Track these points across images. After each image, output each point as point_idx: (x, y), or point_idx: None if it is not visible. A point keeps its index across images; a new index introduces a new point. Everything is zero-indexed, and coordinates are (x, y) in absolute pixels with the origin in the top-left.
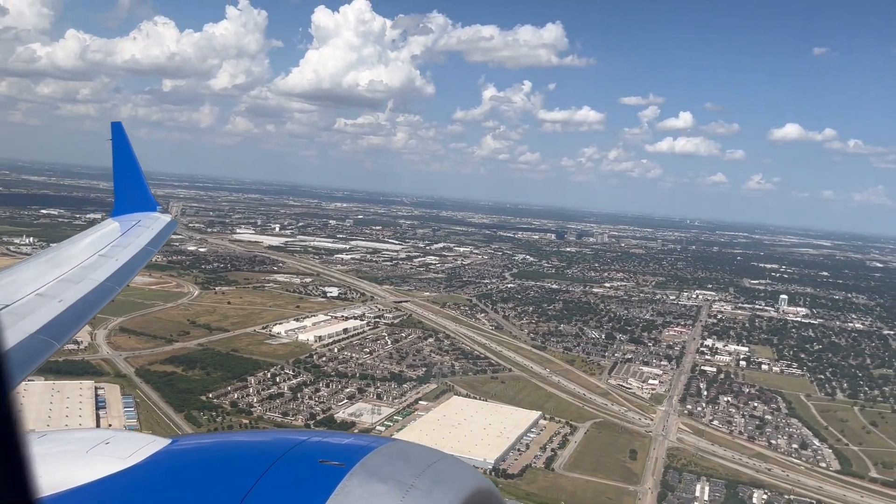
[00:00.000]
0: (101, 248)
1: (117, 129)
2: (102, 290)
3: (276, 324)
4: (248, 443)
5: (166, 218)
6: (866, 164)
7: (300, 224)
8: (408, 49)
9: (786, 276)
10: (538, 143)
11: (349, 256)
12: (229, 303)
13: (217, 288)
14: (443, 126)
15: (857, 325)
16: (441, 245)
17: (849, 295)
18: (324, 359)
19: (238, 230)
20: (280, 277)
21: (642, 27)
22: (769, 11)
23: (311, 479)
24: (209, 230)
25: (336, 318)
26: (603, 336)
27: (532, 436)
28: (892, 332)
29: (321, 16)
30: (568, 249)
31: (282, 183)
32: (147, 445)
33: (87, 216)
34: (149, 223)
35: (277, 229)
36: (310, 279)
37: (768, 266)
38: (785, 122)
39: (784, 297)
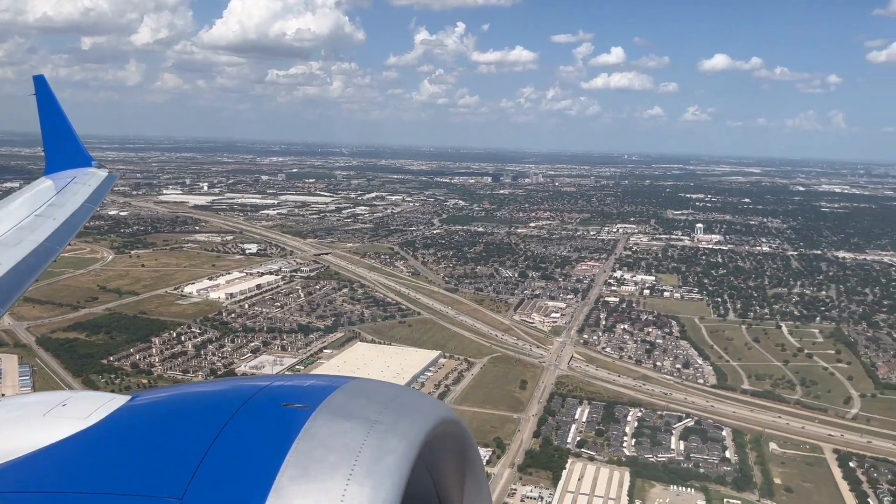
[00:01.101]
0: (36, 209)
1: (40, 84)
2: (42, 252)
3: (188, 284)
4: (210, 393)
5: (103, 173)
6: (793, 91)
7: (230, 181)
8: None
9: (709, 205)
10: (476, 86)
11: (275, 212)
12: (143, 266)
13: (133, 251)
14: (377, 73)
15: (764, 249)
16: (373, 195)
17: (765, 220)
18: (233, 315)
19: (165, 191)
20: (200, 237)
21: None
22: None
23: (276, 423)
24: (135, 193)
25: (251, 274)
26: (516, 275)
27: (429, 374)
28: (794, 253)
29: None
30: (502, 192)
31: (217, 140)
32: (106, 404)
33: (5, 185)
34: (85, 179)
35: (206, 188)
36: (231, 237)
37: (694, 196)
38: (713, 52)
39: (700, 226)
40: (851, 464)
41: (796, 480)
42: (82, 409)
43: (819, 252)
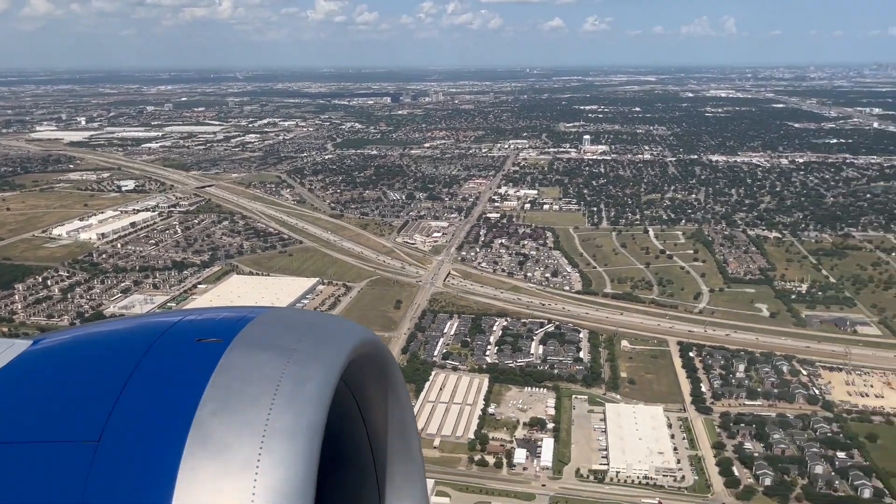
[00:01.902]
0: None
1: None
2: None
3: (57, 226)
4: (118, 331)
5: None
6: None
7: (112, 115)
8: None
9: (601, 115)
10: (373, 2)
11: (159, 145)
12: (9, 209)
13: None
14: None
15: (646, 157)
16: (265, 121)
17: (651, 128)
18: (104, 256)
19: (38, 128)
20: (74, 176)
21: None
22: None
23: (190, 358)
24: (4, 131)
25: (126, 212)
26: (403, 197)
27: (306, 301)
28: (673, 159)
29: None
30: (400, 113)
31: (99, 69)
32: (6, 350)
33: None
34: None
35: (84, 122)
36: (108, 174)
37: (587, 108)
38: None
39: (587, 137)
40: (691, 353)
41: (640, 372)
42: None
43: (696, 157)
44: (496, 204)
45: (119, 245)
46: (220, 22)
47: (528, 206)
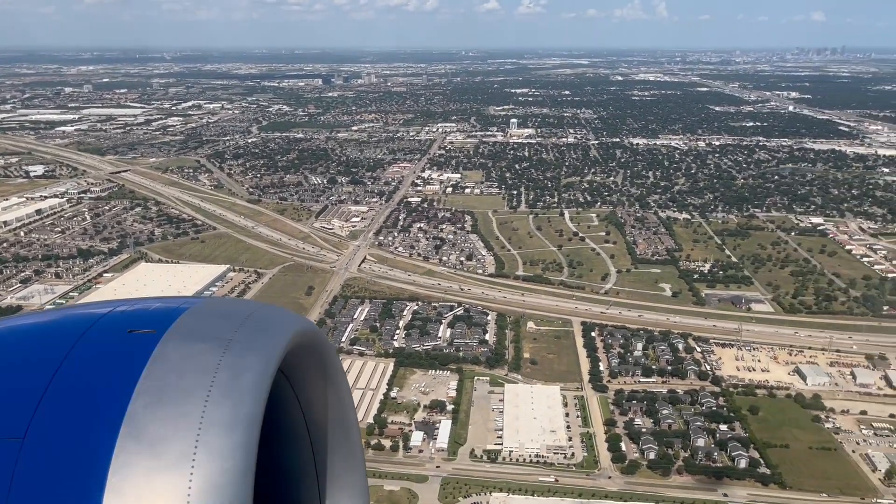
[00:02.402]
0: None
1: None
2: None
3: None
4: (45, 323)
5: None
6: None
7: (26, 96)
8: None
9: (531, 99)
10: None
11: (74, 128)
12: None
13: None
14: None
15: (570, 140)
16: (190, 104)
17: (578, 111)
18: (5, 245)
19: None
20: None
21: None
22: None
23: (123, 350)
24: None
25: (32, 199)
26: (325, 181)
27: (215, 289)
28: (596, 143)
29: None
30: (331, 95)
31: (16, 48)
32: None
33: None
34: None
35: None
36: (17, 159)
37: (518, 91)
38: None
39: (514, 121)
40: (593, 333)
41: (543, 353)
42: None
43: (618, 140)
44: (418, 188)
45: (22, 233)
46: (146, 0)
47: (450, 189)
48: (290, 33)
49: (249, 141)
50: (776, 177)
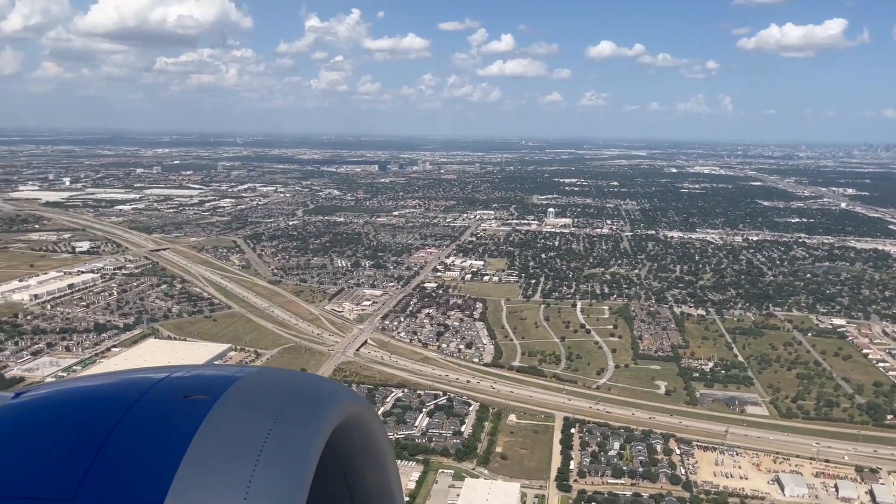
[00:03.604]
0: None
1: None
2: None
3: None
4: (104, 386)
5: None
6: (678, 76)
7: (99, 175)
8: None
9: (577, 189)
10: (375, 73)
11: (131, 207)
12: None
13: None
14: (271, 60)
15: (604, 231)
16: (245, 186)
17: (622, 202)
18: (29, 317)
19: (21, 187)
20: (36, 236)
21: None
22: None
23: (176, 415)
24: None
25: (69, 273)
26: (349, 264)
27: None
28: (630, 234)
29: None
30: (382, 181)
31: (104, 131)
32: None
33: None
34: None
35: (68, 183)
36: (69, 235)
37: (567, 181)
38: (598, 39)
39: (551, 210)
40: (573, 429)
41: (516, 448)
42: None
43: (653, 232)
44: (438, 274)
45: (49, 306)
46: (225, 88)
47: (469, 276)
48: (360, 120)
49: (291, 223)
50: (808, 275)
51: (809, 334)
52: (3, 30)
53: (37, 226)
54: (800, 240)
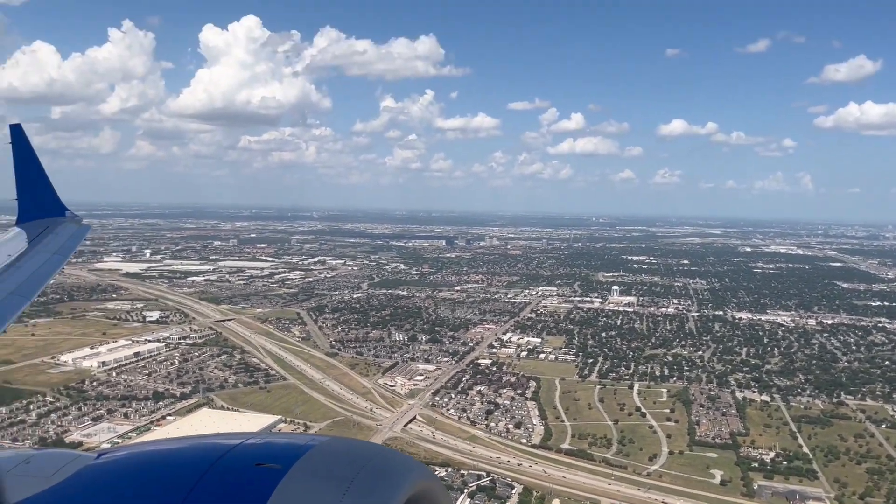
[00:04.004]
0: (3, 259)
1: (16, 132)
2: (9, 304)
3: (67, 353)
4: (180, 450)
5: (76, 223)
6: (753, 154)
7: (178, 248)
8: (300, 64)
9: (644, 266)
10: (447, 151)
11: (203, 278)
12: (33, 335)
13: (31, 321)
14: (348, 139)
15: (669, 310)
16: (316, 259)
17: (691, 281)
18: (95, 384)
19: (105, 258)
20: (112, 305)
21: (511, 36)
22: (624, 17)
23: (248, 482)
24: (73, 260)
25: (137, 342)
26: (406, 338)
27: None
28: (696, 314)
29: (209, 34)
30: (448, 255)
31: (189, 205)
32: (71, 462)
33: None
34: (57, 229)
35: (148, 255)
36: (142, 305)
37: (635, 258)
38: (669, 118)
39: (616, 288)
40: None
41: None
42: (46, 468)
43: (721, 313)
44: (494, 350)
45: (115, 374)
46: (304, 165)
47: (524, 354)
48: (432, 196)
49: (355, 296)
50: (886, 362)
51: (884, 426)
52: (102, 112)
53: (114, 295)
54: (880, 324)
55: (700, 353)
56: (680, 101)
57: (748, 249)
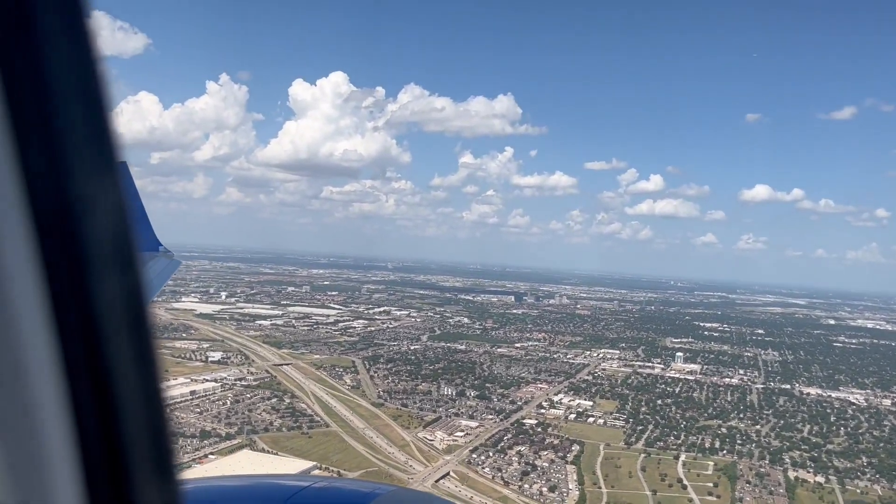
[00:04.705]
0: None
1: (122, 169)
2: None
3: None
4: (252, 487)
5: (168, 257)
6: (843, 223)
7: (253, 291)
8: (382, 119)
9: (716, 334)
10: (524, 207)
11: (270, 322)
12: None
13: None
14: (426, 192)
15: (733, 381)
16: (382, 309)
17: (762, 351)
18: None
19: (183, 299)
20: (180, 344)
21: (587, 96)
22: (701, 80)
23: None
24: (154, 299)
25: (196, 381)
26: (454, 392)
27: None
28: (761, 387)
29: (298, 88)
30: (514, 311)
31: (271, 250)
32: None
33: None
34: (151, 261)
35: (224, 297)
36: (208, 345)
37: (707, 325)
38: (752, 182)
39: (679, 354)
40: None
41: None
42: None
43: (787, 387)
44: (542, 411)
45: (168, 411)
46: (383, 216)
47: (573, 416)
48: (508, 251)
49: (412, 347)
50: None
51: None
52: (195, 158)
53: (184, 334)
54: None
55: (757, 427)
56: (762, 167)
57: (832, 322)
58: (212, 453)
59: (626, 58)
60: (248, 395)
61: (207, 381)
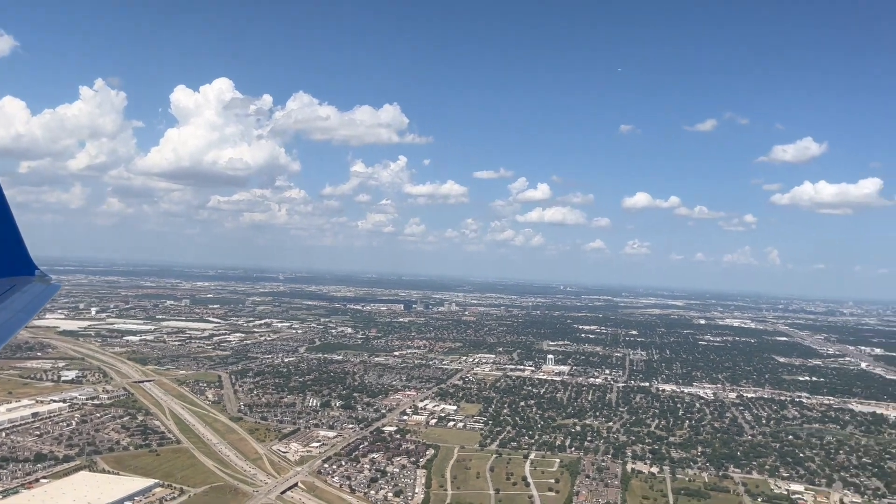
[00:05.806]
0: None
1: None
2: None
3: None
4: None
5: (45, 283)
6: (716, 228)
7: (128, 306)
8: (269, 127)
9: (592, 336)
10: (420, 216)
11: (139, 338)
12: None
13: None
14: (318, 201)
15: (597, 381)
16: (262, 321)
17: (632, 352)
18: None
19: (48, 315)
20: (33, 363)
21: (471, 106)
22: (575, 88)
23: None
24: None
25: (41, 402)
26: (319, 403)
27: (129, 503)
28: (621, 385)
29: (181, 95)
30: (401, 320)
31: (157, 263)
32: None
33: None
34: (25, 287)
35: (94, 313)
36: (65, 363)
37: (586, 328)
38: (633, 190)
39: (550, 357)
40: None
41: None
42: None
43: (646, 384)
44: (405, 417)
45: (4, 434)
46: (276, 226)
47: (434, 421)
48: (405, 260)
49: (287, 360)
50: (789, 437)
51: (760, 499)
52: (69, 167)
53: (39, 353)
54: (797, 399)
55: (610, 423)
56: (639, 175)
57: (702, 322)
58: (44, 477)
59: (508, 69)
60: (98, 415)
61: (55, 401)
